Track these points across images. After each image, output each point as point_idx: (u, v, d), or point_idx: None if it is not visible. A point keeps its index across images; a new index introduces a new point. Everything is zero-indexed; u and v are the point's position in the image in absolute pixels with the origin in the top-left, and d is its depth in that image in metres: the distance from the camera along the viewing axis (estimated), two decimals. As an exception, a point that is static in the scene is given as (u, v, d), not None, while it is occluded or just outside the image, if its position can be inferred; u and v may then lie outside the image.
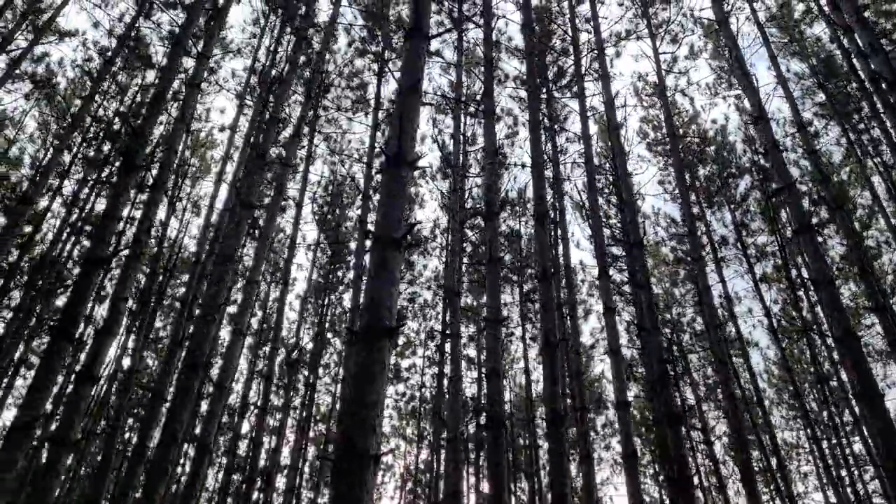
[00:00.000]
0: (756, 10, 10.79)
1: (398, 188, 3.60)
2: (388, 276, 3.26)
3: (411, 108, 3.96)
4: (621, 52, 16.59)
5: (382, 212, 3.49)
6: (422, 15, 4.41)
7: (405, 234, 3.36)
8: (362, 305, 3.23)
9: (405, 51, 4.33)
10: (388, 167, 3.66)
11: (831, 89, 13.56)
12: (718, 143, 15.93)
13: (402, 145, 3.73)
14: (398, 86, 4.09)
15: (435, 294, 20.15)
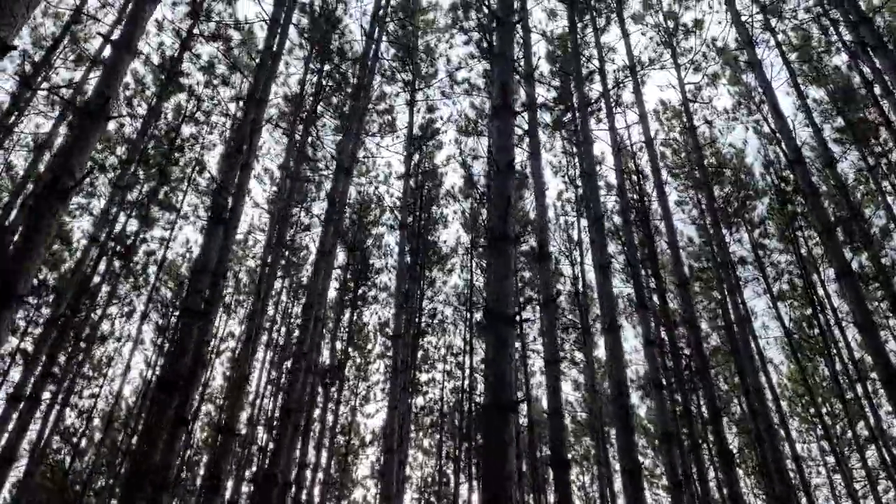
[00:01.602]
0: (785, 52, 11.15)
1: (505, 266, 3.95)
2: (506, 353, 3.61)
3: (510, 186, 4.31)
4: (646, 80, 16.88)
5: (494, 290, 3.84)
6: (508, 93, 4.76)
7: (518, 311, 3.71)
8: (485, 381, 3.57)
9: (495, 127, 4.67)
10: (495, 245, 4.00)
11: (850, 116, 13.93)
12: (736, 166, 16.29)
13: (507, 223, 4.08)
14: (494, 164, 4.43)
15: (455, 310, 20.48)
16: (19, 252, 3.10)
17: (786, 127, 8.34)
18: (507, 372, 3.55)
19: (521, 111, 4.93)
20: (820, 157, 13.40)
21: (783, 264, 17.47)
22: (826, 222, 7.29)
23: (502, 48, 5.08)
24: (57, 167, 3.40)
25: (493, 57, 5.04)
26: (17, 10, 2.11)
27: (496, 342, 3.66)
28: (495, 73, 4.99)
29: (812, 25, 13.78)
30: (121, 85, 3.83)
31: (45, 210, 3.21)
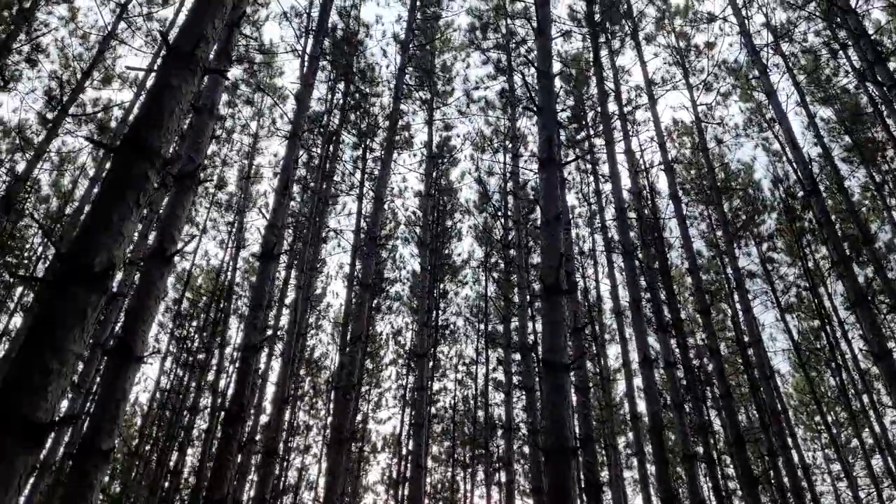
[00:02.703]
0: (795, 75, 11.47)
1: (559, 316, 4.27)
2: (563, 399, 3.93)
3: (560, 237, 4.63)
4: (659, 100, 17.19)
5: (549, 340, 4.17)
6: (554, 146, 5.09)
7: (574, 360, 4.03)
8: (543, 426, 3.89)
9: (542, 180, 5.00)
10: (548, 297, 4.33)
11: (858, 136, 14.26)
12: (745, 182, 16.61)
13: (559, 275, 4.40)
14: (543, 215, 4.75)
15: (467, 321, 20.81)
16: (134, 314, 3.42)
17: (801, 157, 8.65)
18: (567, 417, 3.87)
19: (567, 163, 5.23)
20: (829, 176, 13.73)
21: (790, 277, 17.82)
22: (843, 253, 7.61)
23: (546, 102, 5.40)
24: (160, 234, 3.72)
25: (537, 111, 5.36)
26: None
27: (553, 389, 3.99)
28: (540, 126, 5.31)
29: (822, 48, 14.11)
30: (207, 149, 4.15)
31: (154, 275, 3.53)
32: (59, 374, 1.97)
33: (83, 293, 2.10)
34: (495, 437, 20.17)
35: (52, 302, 2.07)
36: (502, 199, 15.75)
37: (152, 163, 2.46)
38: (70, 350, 2.02)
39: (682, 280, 19.66)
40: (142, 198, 2.40)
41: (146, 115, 2.55)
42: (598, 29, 10.02)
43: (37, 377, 1.93)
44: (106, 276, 2.18)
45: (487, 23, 14.25)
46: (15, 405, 1.88)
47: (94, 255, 2.18)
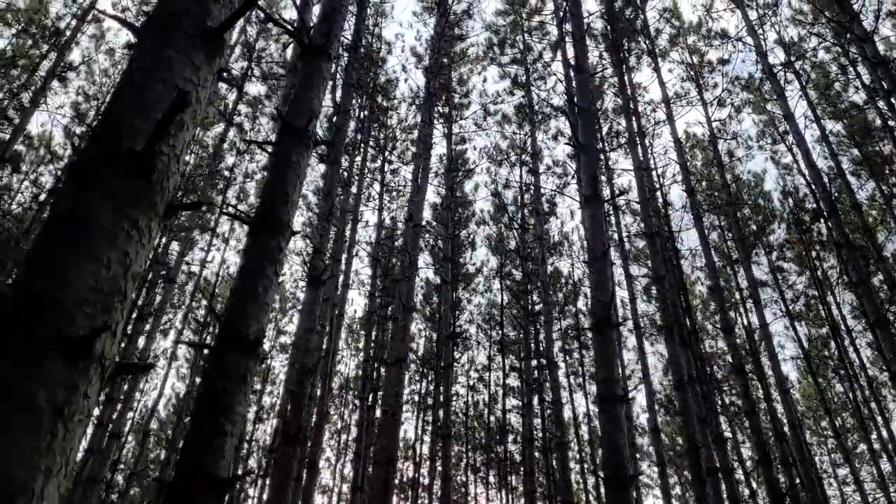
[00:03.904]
0: (808, 93, 11.76)
1: (610, 350, 4.58)
2: (619, 430, 4.23)
3: (607, 273, 4.94)
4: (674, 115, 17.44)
5: (602, 373, 4.47)
6: (597, 183, 5.39)
7: (625, 394, 4.32)
8: (602, 455, 4.19)
9: (588, 216, 5.30)
10: (599, 330, 4.64)
11: (867, 150, 14.56)
12: (756, 193, 16.91)
13: (610, 310, 4.71)
14: (591, 251, 5.05)
15: (479, 328, 21.10)
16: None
17: (820, 179, 8.94)
18: (623, 447, 4.17)
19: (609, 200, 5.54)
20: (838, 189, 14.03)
21: (799, 286, 18.14)
22: (861, 274, 7.90)
23: (587, 139, 5.70)
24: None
25: (579, 148, 5.65)
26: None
27: (610, 421, 4.29)
28: (582, 163, 5.61)
29: (831, 64, 14.41)
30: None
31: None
32: (231, 435, 2.27)
33: (243, 361, 2.40)
34: (507, 442, 20.47)
35: (217, 368, 2.37)
36: (518, 212, 16.05)
37: (284, 235, 2.76)
38: (237, 412, 2.32)
39: (691, 289, 19.97)
40: (278, 268, 2.69)
41: (274, 192, 2.84)
42: (620, 49, 10.31)
43: (215, 438, 2.23)
44: (258, 343, 2.48)
45: (504, 38, 14.54)
46: (199, 463, 2.18)
47: (246, 324, 2.48)
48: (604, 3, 11.45)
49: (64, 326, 1.20)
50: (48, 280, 1.23)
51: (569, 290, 18.63)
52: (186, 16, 1.75)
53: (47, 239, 1.31)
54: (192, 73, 1.69)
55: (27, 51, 13.86)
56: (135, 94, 1.56)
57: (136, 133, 1.49)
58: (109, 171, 1.41)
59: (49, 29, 12.83)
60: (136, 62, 1.65)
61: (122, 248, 1.36)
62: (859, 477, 19.08)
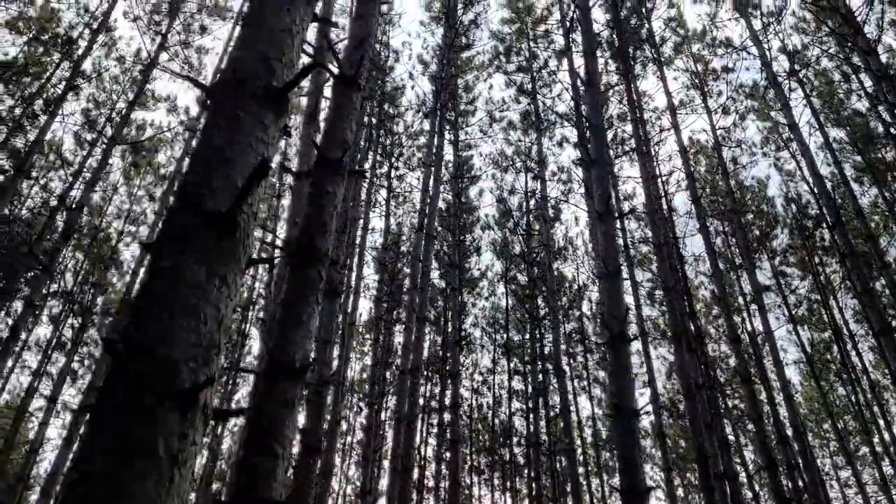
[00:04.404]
0: (812, 101, 11.90)
1: (625, 364, 4.72)
2: (634, 443, 4.37)
3: (621, 289, 5.08)
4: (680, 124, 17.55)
5: (616, 387, 4.61)
6: (610, 199, 5.53)
7: (644, 408, 4.48)
8: (619, 468, 4.33)
9: (601, 233, 5.44)
10: (614, 345, 4.77)
11: (869, 157, 14.71)
12: (760, 198, 17.04)
13: (624, 324, 4.85)
14: (604, 266, 5.19)
15: (483, 332, 21.25)
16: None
17: (825, 189, 9.08)
18: (638, 459, 4.31)
19: (622, 216, 5.68)
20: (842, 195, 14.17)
21: (802, 290, 18.28)
22: (866, 284, 8.04)
23: (599, 154, 5.83)
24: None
25: (590, 162, 5.79)
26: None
27: (625, 434, 4.42)
28: (594, 178, 5.74)
29: (834, 72, 14.55)
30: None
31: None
32: (282, 458, 2.41)
33: (290, 387, 2.54)
34: (510, 444, 20.62)
35: (267, 394, 2.51)
36: (523, 217, 16.20)
37: (323, 264, 2.90)
38: (287, 436, 2.46)
39: (695, 293, 20.11)
40: (319, 296, 2.84)
41: (313, 222, 2.98)
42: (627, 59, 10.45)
43: (266, 462, 2.37)
44: (304, 371, 2.62)
45: (510, 47, 14.68)
46: (253, 486, 2.32)
47: (292, 352, 2.62)
48: (610, 13, 11.59)
49: (175, 381, 1.34)
50: (158, 338, 1.37)
51: (573, 294, 18.77)
52: (254, 78, 1.90)
53: (151, 296, 1.45)
54: (262, 132, 1.83)
55: (39, 58, 14.01)
56: (215, 157, 1.70)
57: (219, 195, 1.63)
58: (199, 232, 1.56)
59: (61, 38, 12.98)
60: (212, 123, 1.80)
61: (215, 304, 1.50)
62: (861, 479, 19.24)
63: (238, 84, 1.87)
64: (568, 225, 39.12)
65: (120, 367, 1.35)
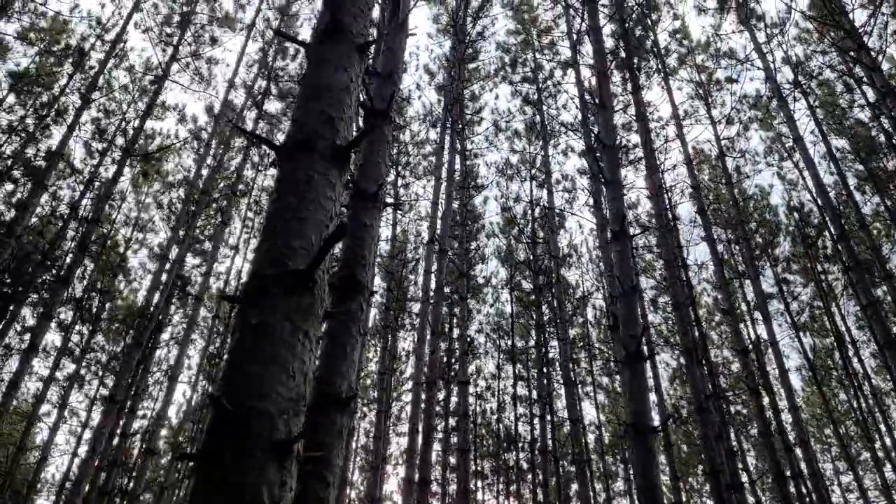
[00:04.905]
0: (815, 111, 12.05)
1: (641, 382, 4.86)
2: (653, 461, 4.51)
3: (636, 308, 5.22)
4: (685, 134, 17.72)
5: (634, 405, 4.74)
6: (624, 219, 5.67)
7: (663, 424, 4.61)
8: (637, 487, 4.47)
9: (615, 252, 5.58)
10: (631, 364, 4.91)
11: (871, 166, 14.86)
12: (763, 207, 17.20)
13: (640, 343, 4.99)
14: (619, 286, 5.33)
15: (487, 337, 21.39)
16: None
17: (830, 203, 9.22)
18: (657, 477, 4.44)
19: (638, 234, 5.81)
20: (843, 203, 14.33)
21: (804, 297, 18.45)
22: (871, 297, 8.18)
23: (612, 174, 5.98)
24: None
25: (605, 183, 5.94)
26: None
27: (643, 452, 4.56)
28: (609, 197, 5.89)
29: (836, 82, 14.71)
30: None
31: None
32: (332, 485, 2.55)
33: (339, 417, 2.68)
34: (518, 450, 20.75)
35: (315, 424, 2.65)
36: (528, 225, 16.35)
37: (364, 296, 3.05)
38: (336, 464, 2.60)
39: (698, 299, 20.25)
40: (361, 327, 2.98)
41: (353, 255, 3.12)
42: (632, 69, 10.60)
43: (319, 488, 2.51)
44: (351, 400, 2.76)
45: (515, 57, 14.83)
46: (307, 513, 2.45)
47: (338, 383, 2.76)
48: (618, 26, 11.75)
49: (273, 433, 1.48)
50: (255, 394, 1.52)
51: (577, 301, 18.91)
52: (320, 138, 2.04)
53: (244, 353, 1.59)
54: (331, 191, 1.97)
55: (50, 69, 14.16)
56: (291, 217, 1.85)
57: (298, 253, 1.78)
58: (282, 290, 1.70)
59: (73, 49, 13.13)
60: (285, 183, 1.94)
61: (301, 358, 1.64)
62: (863, 484, 19.38)
63: (306, 145, 2.02)
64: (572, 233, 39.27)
65: (223, 421, 1.49)
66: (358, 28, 2.42)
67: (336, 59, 2.28)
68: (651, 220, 16.69)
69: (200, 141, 15.93)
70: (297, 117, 2.13)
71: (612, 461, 23.87)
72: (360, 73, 2.38)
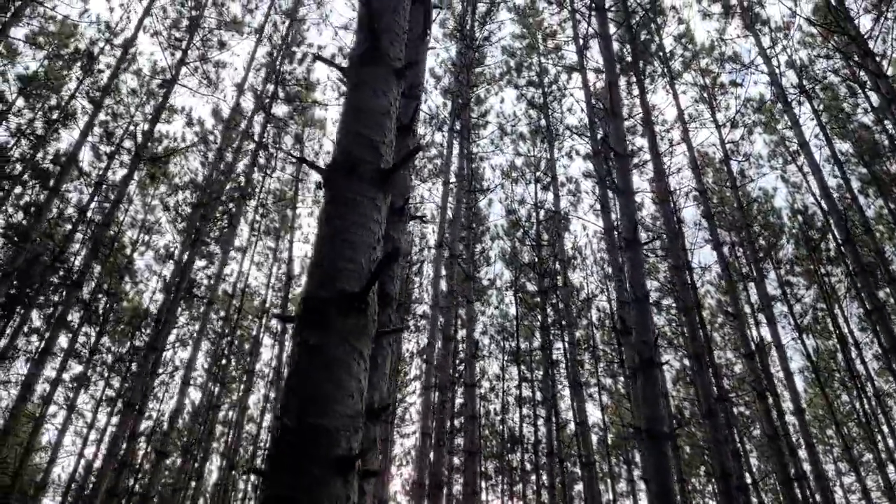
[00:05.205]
0: (820, 116, 12.13)
1: (655, 389, 4.94)
2: (667, 466, 4.59)
3: (649, 315, 5.31)
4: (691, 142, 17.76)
5: (648, 412, 4.83)
6: (636, 228, 5.76)
7: (673, 432, 4.69)
8: (652, 490, 4.55)
9: (628, 259, 5.66)
10: (645, 370, 4.99)
11: (875, 169, 14.95)
12: (766, 210, 17.28)
13: (654, 350, 5.07)
14: (632, 293, 5.42)
15: (492, 339, 21.48)
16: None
17: (835, 207, 9.30)
18: (671, 482, 4.53)
19: (648, 242, 5.90)
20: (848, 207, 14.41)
21: (807, 299, 18.55)
22: (876, 302, 8.26)
23: (624, 183, 6.06)
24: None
25: (616, 191, 6.02)
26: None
27: (657, 457, 4.64)
28: (621, 205, 5.98)
29: (840, 86, 14.80)
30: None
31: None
32: (367, 493, 2.64)
33: (372, 427, 2.77)
34: (523, 451, 20.84)
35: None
36: (532, 227, 16.44)
37: (393, 308, 3.13)
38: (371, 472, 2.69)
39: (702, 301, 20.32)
40: (391, 338, 3.06)
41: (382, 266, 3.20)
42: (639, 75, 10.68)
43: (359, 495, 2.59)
44: (384, 411, 2.85)
45: (521, 62, 14.91)
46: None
47: (372, 393, 2.84)
48: (624, 29, 11.82)
49: (336, 450, 1.57)
50: (318, 412, 1.60)
51: (582, 302, 19.00)
52: (365, 162, 2.13)
53: (304, 373, 1.68)
54: (377, 213, 2.06)
55: (59, 73, 14.25)
56: (340, 240, 1.93)
57: (351, 276, 1.86)
58: (338, 312, 1.78)
59: (82, 53, 13.21)
60: (333, 207, 2.02)
61: (357, 377, 1.73)
62: (866, 485, 19.46)
63: (351, 169, 2.10)
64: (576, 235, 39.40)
65: (287, 439, 1.57)
66: (395, 52, 2.51)
67: (375, 83, 2.36)
68: (655, 222, 16.78)
69: (208, 145, 16.02)
70: (341, 141, 2.21)
71: (615, 462, 23.97)
72: (398, 96, 2.47)
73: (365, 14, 2.56)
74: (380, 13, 2.60)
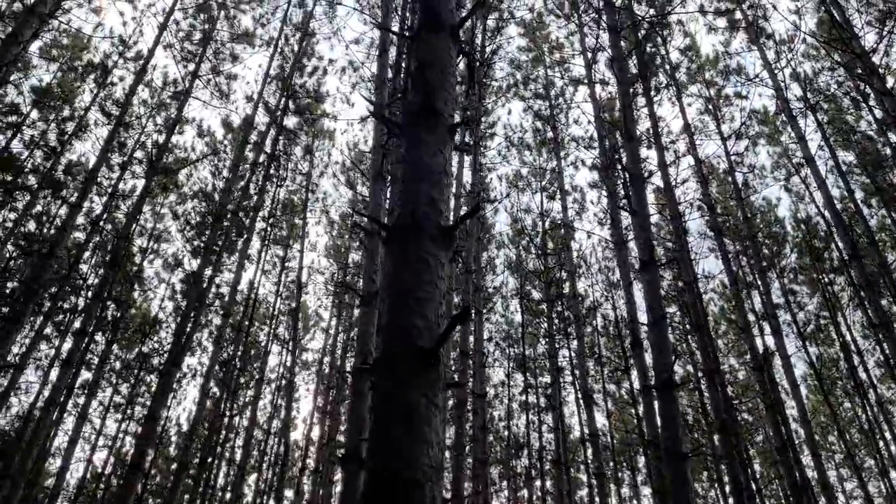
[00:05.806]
0: (825, 129, 12.31)
1: (674, 410, 5.10)
2: (686, 485, 4.75)
3: (667, 336, 5.46)
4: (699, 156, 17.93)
5: (667, 432, 4.99)
6: (652, 249, 5.92)
7: (688, 453, 4.86)
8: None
9: (644, 281, 5.83)
10: (663, 392, 5.15)
11: (878, 180, 15.13)
12: (769, 220, 17.46)
13: (671, 373, 5.23)
14: (649, 313, 5.58)
15: (497, 346, 21.63)
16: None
17: (841, 222, 9.47)
18: (692, 500, 4.69)
19: (664, 264, 6.06)
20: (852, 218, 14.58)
21: (810, 307, 18.73)
22: (883, 316, 8.42)
23: (639, 204, 6.23)
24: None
25: (632, 213, 6.18)
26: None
27: (676, 477, 4.80)
28: (637, 227, 6.14)
29: (843, 98, 14.99)
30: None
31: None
32: None
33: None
34: (528, 457, 21.01)
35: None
36: (538, 236, 16.61)
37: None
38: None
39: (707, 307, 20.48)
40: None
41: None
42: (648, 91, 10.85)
43: None
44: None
45: (528, 75, 15.09)
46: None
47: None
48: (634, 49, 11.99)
49: (423, 499, 1.73)
50: (406, 465, 1.76)
51: (586, 310, 19.16)
52: (428, 220, 2.30)
53: (388, 425, 1.84)
54: (441, 270, 2.23)
55: (71, 85, 14.42)
56: (414, 299, 2.10)
57: (422, 333, 2.03)
58: (413, 366, 1.95)
59: (96, 66, 13.38)
60: (400, 264, 2.19)
61: (435, 429, 1.89)
62: (868, 492, 19.61)
63: (416, 228, 2.27)
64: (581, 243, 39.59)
65: (378, 489, 1.73)
66: (448, 110, 2.68)
67: (433, 141, 2.52)
68: (659, 231, 16.97)
69: (219, 156, 16.19)
70: (404, 199, 2.38)
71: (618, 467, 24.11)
72: (452, 150, 2.63)
73: (418, 71, 2.73)
74: (431, 67, 2.76)
